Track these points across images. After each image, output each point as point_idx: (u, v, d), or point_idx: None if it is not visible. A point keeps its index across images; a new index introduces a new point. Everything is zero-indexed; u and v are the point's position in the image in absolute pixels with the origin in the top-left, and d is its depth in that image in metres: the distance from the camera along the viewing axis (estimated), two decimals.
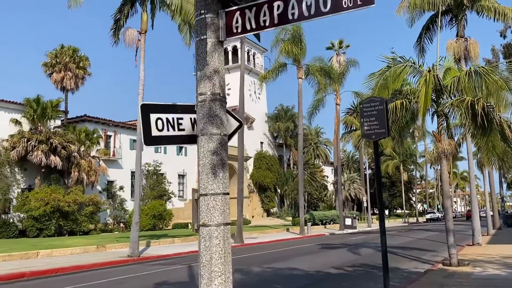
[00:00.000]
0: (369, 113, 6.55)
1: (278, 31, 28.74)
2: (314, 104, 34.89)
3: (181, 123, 3.57)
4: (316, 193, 57.79)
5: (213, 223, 3.16)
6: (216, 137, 3.29)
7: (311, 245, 21.02)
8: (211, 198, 3.20)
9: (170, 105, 3.57)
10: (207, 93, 3.37)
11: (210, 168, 3.18)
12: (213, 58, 3.43)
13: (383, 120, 6.42)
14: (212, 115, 3.32)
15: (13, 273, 11.91)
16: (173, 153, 44.67)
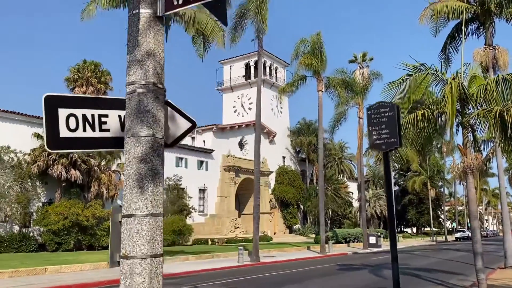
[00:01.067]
0: (378, 120, 5.78)
1: (298, 44, 28.21)
2: (336, 118, 34.00)
3: (106, 122, 2.80)
4: (340, 210, 56.33)
5: (136, 254, 2.45)
6: (145, 139, 2.55)
7: (329, 265, 19.97)
8: (135, 221, 2.48)
9: (90, 98, 2.87)
10: (137, 83, 2.63)
11: (136, 180, 2.49)
12: (147, 37, 2.71)
13: (394, 128, 5.64)
14: (141, 110, 2.59)
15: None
16: (194, 167, 44.37)
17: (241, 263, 20.50)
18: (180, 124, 2.93)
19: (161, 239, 2.68)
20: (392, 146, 5.67)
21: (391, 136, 5.63)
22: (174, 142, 2.81)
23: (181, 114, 2.96)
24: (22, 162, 31.48)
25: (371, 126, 5.79)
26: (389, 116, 5.72)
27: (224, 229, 45.26)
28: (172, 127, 2.83)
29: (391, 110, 5.75)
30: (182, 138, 3.00)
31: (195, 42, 17.98)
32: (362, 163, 38.22)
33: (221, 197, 46.77)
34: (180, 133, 2.94)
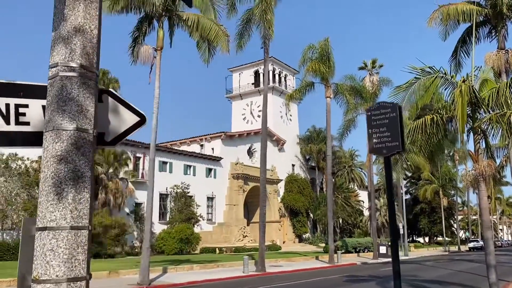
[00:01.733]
0: (379, 122, 5.33)
1: (305, 50, 27.83)
2: (345, 125, 33.47)
3: (25, 113, 2.38)
4: (350, 219, 55.46)
5: (50, 277, 1.98)
6: (67, 133, 2.13)
7: (336, 276, 19.35)
8: (49, 236, 2.06)
9: (3, 83, 2.37)
10: (60, 64, 2.17)
11: (53, 185, 2.09)
12: (75, 10, 2.25)
13: (396, 130, 5.19)
14: (64, 98, 2.14)
15: None
16: (202, 175, 44.08)
17: (246, 273, 20.01)
18: (125, 119, 2.48)
19: (84, 258, 2.22)
20: (394, 150, 5.21)
21: (393, 139, 5.19)
22: (116, 140, 2.38)
23: (126, 106, 2.51)
24: (29, 169, 31.48)
25: (371, 129, 5.35)
26: (390, 117, 5.27)
27: (232, 238, 44.75)
28: (115, 121, 2.40)
29: (392, 110, 5.31)
30: (127, 134, 2.55)
31: (199, 47, 17.74)
32: (372, 171, 37.56)
33: (229, 205, 46.35)
34: (124, 128, 2.48)
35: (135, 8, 16.43)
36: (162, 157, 40.70)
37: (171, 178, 40.85)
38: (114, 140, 2.43)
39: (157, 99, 16.26)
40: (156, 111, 16.18)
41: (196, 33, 16.50)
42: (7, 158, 30.45)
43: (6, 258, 27.40)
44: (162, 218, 39.76)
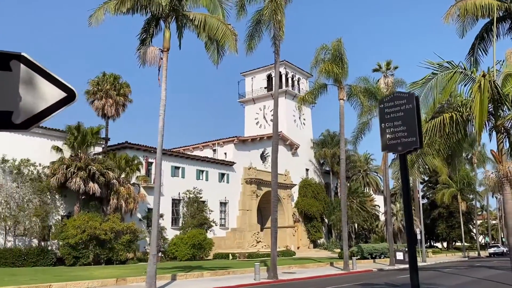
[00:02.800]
0: (393, 115, 4.72)
1: (318, 50, 27.21)
2: (359, 128, 32.67)
3: None
4: (366, 224, 54.39)
5: None
6: None
7: (351, 285, 18.54)
8: None
9: None
10: None
11: None
12: None
13: (413, 124, 4.56)
14: None
15: None
16: (215, 180, 43.65)
17: (257, 280, 19.41)
18: (45, 93, 1.90)
19: None
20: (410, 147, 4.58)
21: (409, 134, 4.56)
22: (30, 121, 1.78)
23: (47, 77, 1.93)
24: (41, 175, 31.44)
25: (383, 123, 4.75)
26: (406, 109, 4.65)
27: (246, 243, 44.15)
28: (28, 97, 1.81)
29: (408, 101, 4.67)
30: (47, 115, 1.94)
31: (208, 48, 17.31)
32: (387, 175, 36.61)
33: (242, 211, 45.80)
34: (43, 107, 1.91)
35: (142, 8, 16.09)
36: (175, 162, 40.43)
37: (184, 183, 40.51)
38: (26, 122, 1.83)
39: (164, 101, 15.85)
40: (162, 113, 15.76)
41: (204, 33, 16.06)
42: (19, 163, 30.44)
43: (18, 264, 27.32)
44: (174, 224, 39.41)
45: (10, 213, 28.79)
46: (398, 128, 4.69)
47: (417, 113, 4.63)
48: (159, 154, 16.02)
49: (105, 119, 36.56)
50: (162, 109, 15.80)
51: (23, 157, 30.77)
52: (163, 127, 15.76)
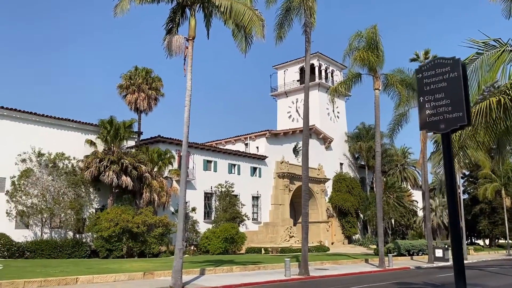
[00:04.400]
0: (434, 86, 3.89)
1: (352, 38, 26.07)
2: (396, 120, 31.29)
3: None
4: (403, 220, 52.68)
5: None
6: None
7: (386, 283, 17.56)
8: None
9: None
10: None
11: None
12: None
13: (459, 97, 3.71)
14: None
15: None
16: (247, 174, 43.24)
17: (288, 276, 18.77)
18: None
19: None
20: (455, 124, 3.70)
21: (454, 108, 3.70)
22: None
23: None
24: (76, 168, 31.91)
25: (422, 96, 3.94)
26: (450, 79, 3.79)
27: (279, 238, 43.60)
28: None
29: (453, 69, 3.80)
30: None
31: (235, 36, 16.72)
32: (426, 169, 35.04)
33: (275, 205, 45.23)
34: None
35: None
36: (207, 156, 40.30)
37: (216, 177, 40.35)
38: None
39: (189, 91, 15.40)
40: (188, 103, 15.32)
41: (230, 20, 15.50)
42: (55, 157, 30.97)
43: (54, 255, 27.80)
44: (207, 217, 39.31)
45: (46, 205, 29.35)
46: (441, 102, 3.88)
47: (464, 83, 3.79)
48: (185, 145, 15.61)
49: (138, 113, 36.74)
50: (187, 100, 15.37)
51: (58, 151, 31.30)
52: (188, 118, 15.34)
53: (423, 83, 4.04)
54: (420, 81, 4.10)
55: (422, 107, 3.98)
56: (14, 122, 30.00)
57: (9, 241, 26.57)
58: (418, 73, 4.20)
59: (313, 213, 48.00)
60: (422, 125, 4.11)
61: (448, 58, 3.97)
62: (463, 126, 3.84)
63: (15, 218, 28.86)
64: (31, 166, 29.78)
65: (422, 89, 4.04)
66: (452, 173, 3.88)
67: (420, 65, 4.10)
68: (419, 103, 4.09)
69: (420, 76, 4.12)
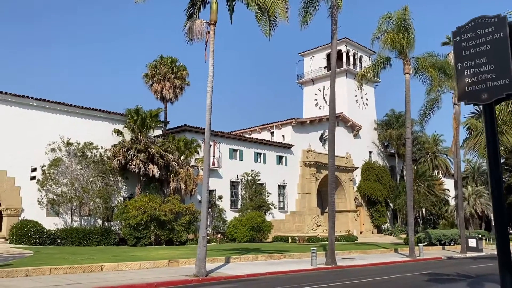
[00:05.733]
0: (474, 50, 3.36)
1: (381, 20, 25.07)
2: (428, 105, 30.17)
3: None
4: (434, 209, 51.32)
5: None
6: None
7: (417, 274, 16.93)
8: None
9: None
10: None
11: None
12: None
13: (505, 60, 3.18)
14: None
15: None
16: (272, 163, 42.88)
17: (314, 266, 18.40)
18: None
19: None
20: (501, 93, 3.14)
21: (499, 75, 3.15)
22: None
23: None
24: (104, 157, 32.30)
25: (461, 63, 3.43)
26: (495, 40, 3.25)
27: (305, 227, 43.21)
28: None
29: (498, 29, 3.25)
30: None
31: (259, 19, 16.22)
32: (459, 156, 33.73)
33: (301, 194, 44.76)
34: None
35: None
36: (233, 145, 40.13)
37: (242, 166, 40.18)
38: None
39: (211, 77, 15.07)
40: (210, 90, 15.01)
41: (253, 3, 15.04)
42: (83, 146, 31.42)
43: (83, 243, 28.32)
44: (233, 206, 39.27)
45: (75, 194, 29.86)
46: (483, 68, 3.35)
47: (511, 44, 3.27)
48: (208, 132, 15.36)
49: (164, 102, 36.88)
50: (209, 85, 15.05)
51: (86, 140, 31.72)
52: (211, 105, 15.05)
53: (462, 47, 3.52)
54: (458, 45, 3.58)
55: (460, 75, 3.46)
56: (44, 112, 30.52)
57: (41, 229, 27.18)
58: (456, 36, 3.68)
59: (341, 202, 47.29)
60: (460, 96, 3.61)
61: (492, 17, 3.42)
62: (510, 95, 3.31)
63: (46, 206, 29.50)
64: (60, 156, 30.30)
65: (460, 54, 3.52)
66: (496, 151, 3.36)
67: (458, 27, 3.56)
68: (456, 71, 3.58)
69: (458, 39, 3.60)
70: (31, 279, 12.85)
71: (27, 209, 28.68)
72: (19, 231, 26.30)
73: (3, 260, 16.32)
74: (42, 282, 12.20)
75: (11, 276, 13.04)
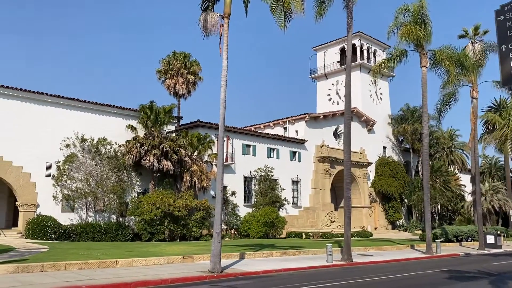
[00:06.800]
0: None
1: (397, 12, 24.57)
2: (444, 99, 29.59)
3: None
4: (450, 205, 50.55)
5: None
6: None
7: (435, 271, 16.56)
8: None
9: None
10: None
11: None
12: None
13: None
14: None
15: (68, 287, 10.62)
16: (286, 158, 42.61)
17: (329, 262, 18.15)
18: None
19: None
20: None
21: None
22: None
23: None
24: (117, 153, 32.37)
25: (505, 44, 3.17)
26: None
27: (319, 223, 42.93)
28: None
29: None
30: None
31: (274, 11, 15.97)
32: (477, 151, 33.07)
33: (315, 189, 44.45)
34: None
35: None
36: (246, 140, 39.96)
37: (255, 161, 40.00)
38: None
39: (225, 71, 14.85)
40: (224, 84, 14.80)
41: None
42: (97, 142, 31.52)
43: (98, 238, 28.45)
44: (247, 201, 39.16)
45: (90, 189, 29.99)
46: None
47: None
48: (222, 127, 15.18)
49: (177, 97, 36.76)
50: (223, 80, 14.85)
51: (100, 136, 31.81)
52: (225, 99, 14.86)
53: (506, 27, 3.25)
54: (501, 25, 3.33)
55: (504, 58, 3.23)
56: (58, 108, 30.66)
57: (56, 224, 27.35)
58: (499, 15, 3.42)
59: (355, 198, 46.87)
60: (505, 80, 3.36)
61: None
62: None
63: (61, 201, 29.69)
64: (75, 151, 30.45)
65: (504, 35, 3.28)
66: None
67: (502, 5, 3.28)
68: (500, 53, 3.33)
69: (502, 18, 3.35)
70: (46, 274, 12.84)
71: (43, 204, 28.90)
72: (35, 226, 26.51)
73: (19, 255, 16.40)
74: (57, 277, 12.18)
75: (27, 271, 13.06)
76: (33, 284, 10.96)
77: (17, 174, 28.25)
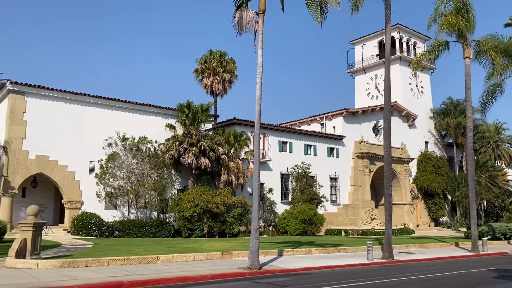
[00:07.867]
0: None
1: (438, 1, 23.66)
2: (489, 91, 28.31)
3: None
4: (497, 201, 48.46)
5: None
6: None
7: (482, 270, 15.89)
8: None
9: None
10: None
11: None
12: None
13: None
14: None
15: (111, 282, 10.93)
16: (323, 155, 42.16)
17: (370, 260, 17.80)
18: None
19: None
20: None
21: None
22: None
23: None
24: (158, 151, 33.10)
25: None
26: None
27: (359, 220, 42.23)
28: None
29: None
30: None
31: (309, 6, 15.78)
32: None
33: (354, 186, 43.75)
34: None
35: None
36: (282, 137, 39.83)
37: (292, 158, 39.80)
38: None
39: (260, 68, 14.82)
40: (259, 81, 14.77)
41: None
42: (138, 141, 32.32)
43: (140, 234, 29.19)
44: (284, 198, 39.05)
45: (132, 187, 30.80)
46: None
47: None
48: (257, 123, 15.16)
49: (214, 96, 37.19)
50: (259, 76, 14.82)
51: (141, 135, 32.61)
52: (260, 96, 14.84)
53: None
54: None
55: None
56: (100, 108, 31.63)
57: (100, 221, 28.29)
58: None
59: (396, 195, 45.78)
60: None
61: None
62: None
63: (104, 199, 30.66)
64: (116, 150, 31.34)
65: None
66: None
67: None
68: None
69: None
70: (91, 269, 13.28)
71: (87, 202, 29.95)
72: (80, 223, 27.53)
73: (65, 251, 17.07)
74: (101, 273, 12.56)
75: (72, 267, 13.55)
76: (78, 279, 11.35)
77: (63, 173, 29.38)
